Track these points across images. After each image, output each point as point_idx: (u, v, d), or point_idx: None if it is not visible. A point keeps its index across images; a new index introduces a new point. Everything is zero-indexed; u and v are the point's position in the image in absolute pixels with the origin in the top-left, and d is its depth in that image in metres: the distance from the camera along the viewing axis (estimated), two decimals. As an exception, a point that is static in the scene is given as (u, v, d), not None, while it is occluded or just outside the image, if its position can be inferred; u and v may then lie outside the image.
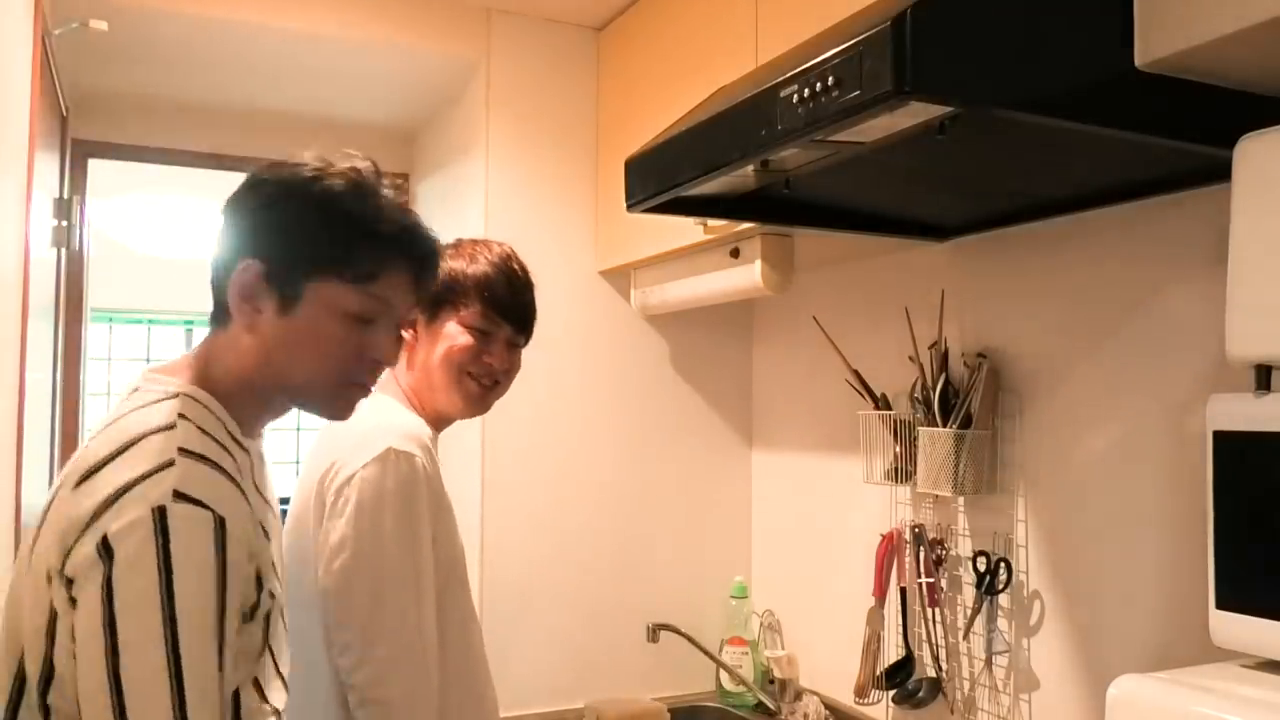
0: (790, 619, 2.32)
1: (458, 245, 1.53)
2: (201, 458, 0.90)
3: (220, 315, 1.02)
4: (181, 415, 0.93)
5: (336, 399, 1.05)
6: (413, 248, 1.06)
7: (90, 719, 0.81)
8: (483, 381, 1.47)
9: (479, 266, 1.49)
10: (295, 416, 1.37)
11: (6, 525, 1.62)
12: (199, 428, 0.93)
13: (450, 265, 1.48)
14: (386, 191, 1.07)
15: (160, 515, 0.83)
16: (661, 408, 2.44)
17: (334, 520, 1.31)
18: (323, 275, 0.99)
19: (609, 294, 2.42)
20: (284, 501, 1.23)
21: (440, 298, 1.47)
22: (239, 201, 1.04)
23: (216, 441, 0.94)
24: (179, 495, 0.85)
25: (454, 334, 1.46)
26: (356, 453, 1.33)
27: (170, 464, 0.87)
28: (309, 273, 0.99)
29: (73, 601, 0.83)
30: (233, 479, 0.92)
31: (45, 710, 0.86)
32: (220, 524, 0.86)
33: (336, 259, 1.00)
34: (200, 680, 0.82)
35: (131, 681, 0.80)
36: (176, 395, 0.95)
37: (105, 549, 0.82)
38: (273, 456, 1.13)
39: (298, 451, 5.38)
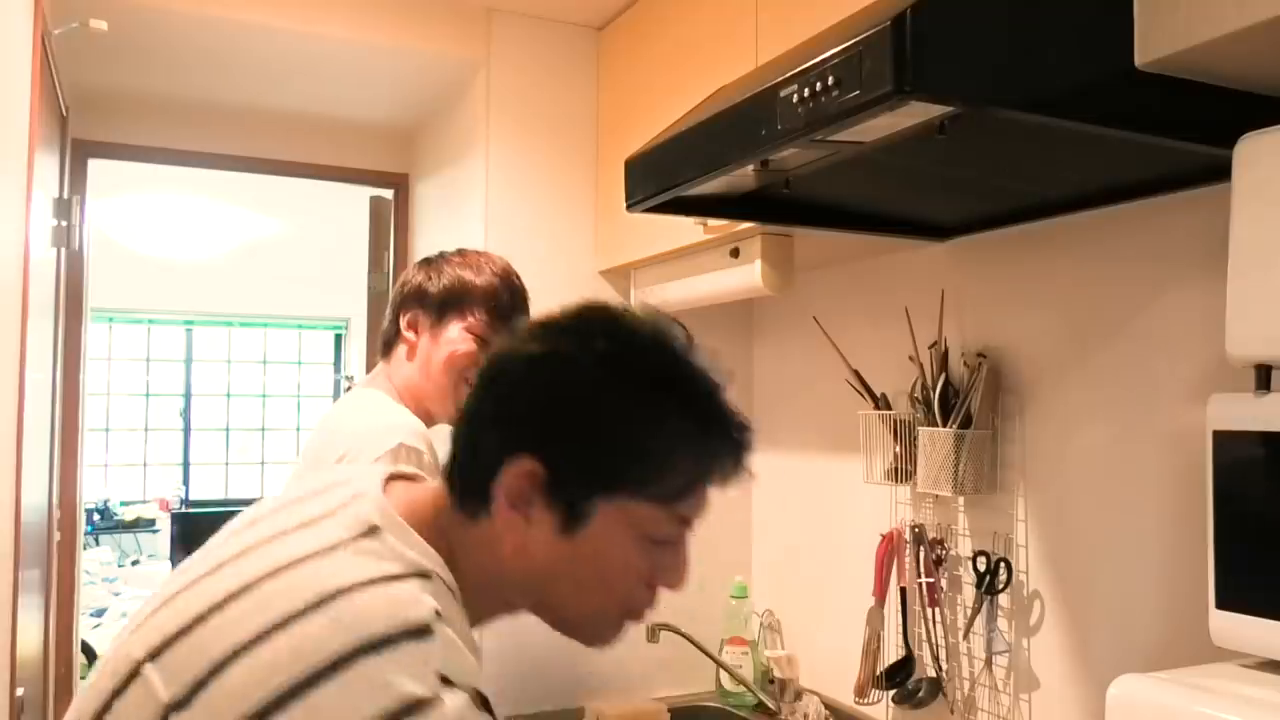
0: (790, 619, 2.32)
1: (463, 254, 1.59)
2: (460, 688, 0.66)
3: (470, 498, 0.77)
4: (438, 614, 0.68)
5: (609, 631, 0.84)
6: (742, 450, 0.84)
7: None
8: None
9: (485, 277, 1.55)
10: (294, 415, 1.37)
11: (7, 525, 1.62)
12: (452, 635, 0.68)
13: (459, 273, 1.54)
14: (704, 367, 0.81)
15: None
16: (661, 408, 2.43)
17: None
18: (627, 494, 0.77)
19: (609, 294, 2.42)
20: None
21: (447, 303, 1.53)
22: (532, 364, 0.78)
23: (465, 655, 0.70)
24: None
25: (458, 339, 1.52)
26: (367, 447, 1.34)
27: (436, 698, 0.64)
28: (611, 491, 0.77)
29: None
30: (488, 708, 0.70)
31: None
32: None
33: (649, 478, 0.77)
34: None
35: None
36: (428, 575, 0.71)
37: None
38: (274, 455, 1.13)
39: (297, 450, 5.38)
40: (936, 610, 1.78)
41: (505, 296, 1.55)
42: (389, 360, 1.59)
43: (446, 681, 0.64)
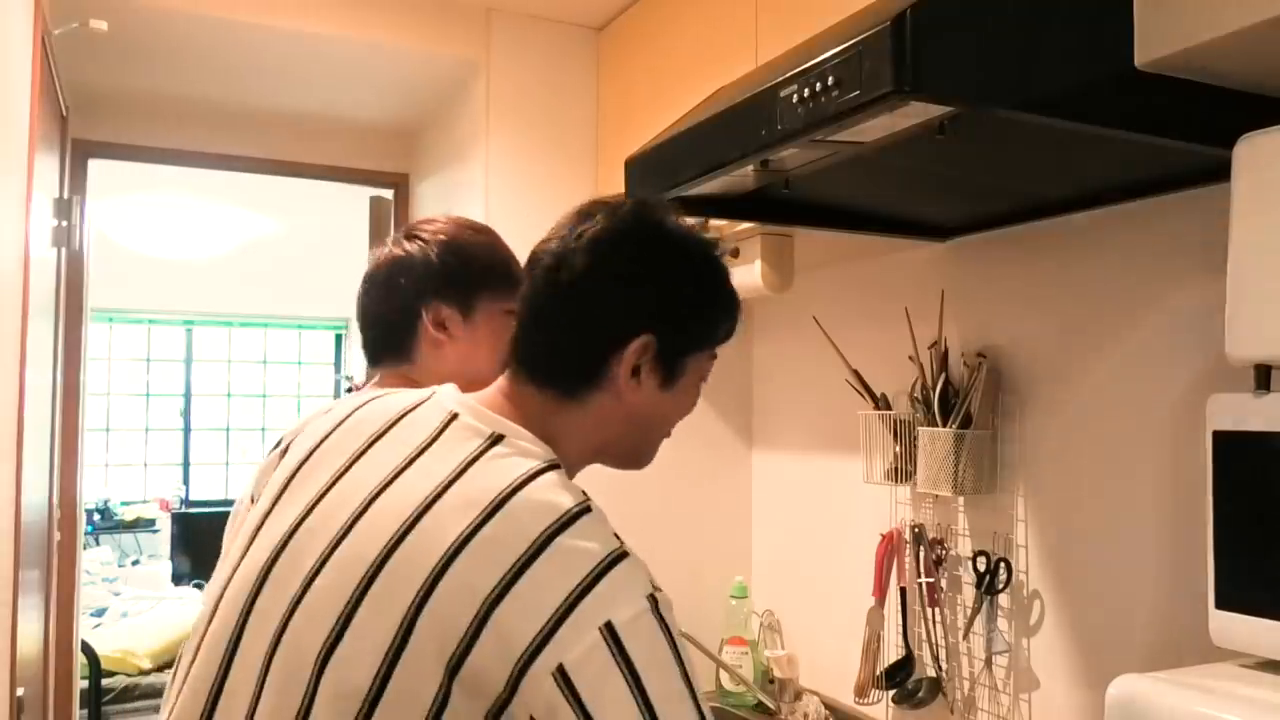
0: (790, 619, 2.32)
1: (474, 225, 1.38)
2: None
3: (571, 380, 0.94)
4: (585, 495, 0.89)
5: (655, 453, 1.07)
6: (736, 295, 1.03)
7: None
8: None
9: (492, 238, 1.36)
10: (294, 416, 1.30)
11: (7, 525, 1.62)
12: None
13: (489, 241, 1.34)
14: None
15: (654, 603, 0.83)
16: (661, 408, 2.44)
17: None
18: (703, 348, 0.99)
19: (609, 294, 2.42)
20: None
21: (479, 283, 1.30)
22: (630, 259, 0.95)
23: None
24: (653, 584, 0.85)
25: (508, 326, 1.34)
26: None
27: (624, 552, 0.84)
28: (698, 349, 0.98)
29: (570, 692, 0.78)
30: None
31: None
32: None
33: (714, 333, 0.99)
34: None
35: None
36: (557, 467, 0.89)
37: (613, 638, 0.79)
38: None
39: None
40: (936, 610, 1.78)
41: (512, 261, 1.34)
42: (411, 362, 1.31)
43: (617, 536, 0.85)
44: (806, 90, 1.13)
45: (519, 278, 1.31)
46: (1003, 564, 1.66)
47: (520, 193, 2.35)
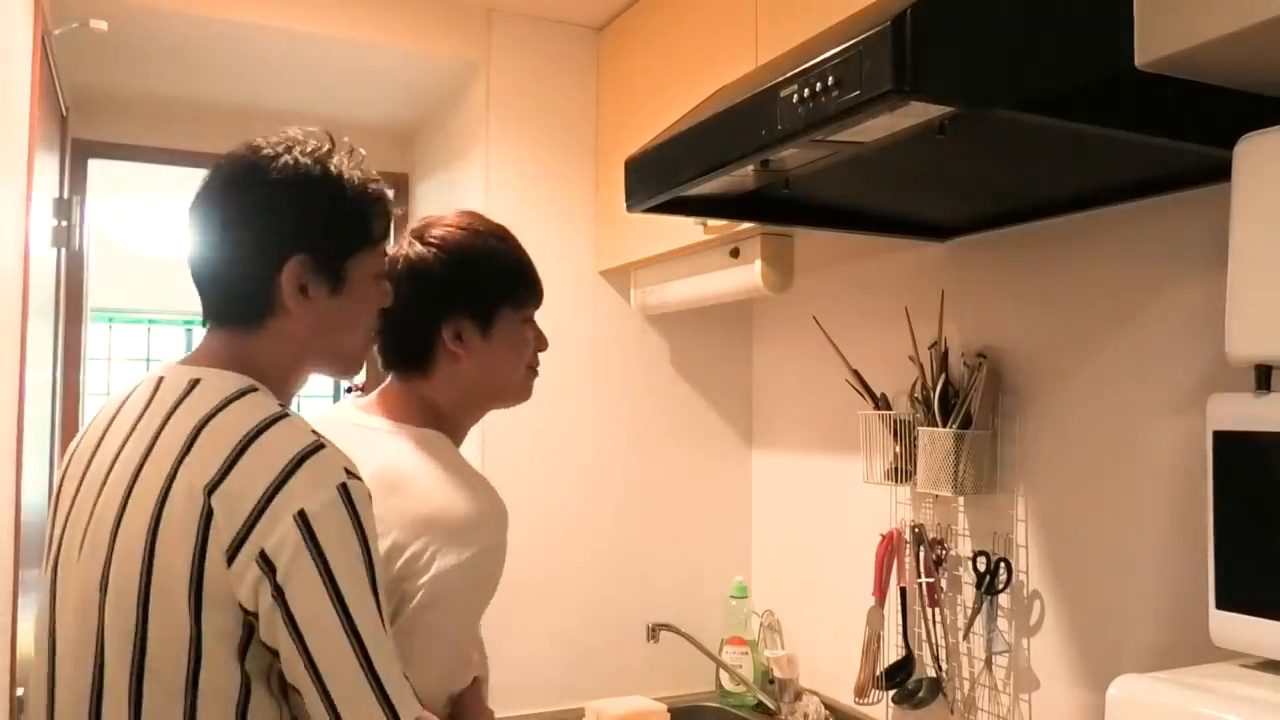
0: (790, 619, 2.32)
1: (489, 228, 1.31)
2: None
3: (248, 313, 1.07)
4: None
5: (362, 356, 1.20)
6: None
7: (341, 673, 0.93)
8: (537, 371, 1.35)
9: (511, 245, 1.31)
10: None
11: (7, 525, 1.62)
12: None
13: (506, 249, 1.29)
14: None
15: (344, 491, 0.95)
16: (661, 408, 2.44)
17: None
18: (363, 249, 1.11)
19: (609, 294, 2.42)
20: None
21: (499, 297, 1.26)
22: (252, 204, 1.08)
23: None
24: (349, 471, 0.97)
25: (526, 335, 1.30)
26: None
27: (319, 444, 0.97)
28: (359, 251, 1.10)
29: (270, 574, 0.91)
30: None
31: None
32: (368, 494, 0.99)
33: (371, 233, 1.12)
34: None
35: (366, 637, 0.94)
36: (254, 390, 1.03)
37: (305, 525, 0.92)
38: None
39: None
40: (936, 610, 1.78)
41: (530, 268, 1.31)
42: (426, 376, 1.27)
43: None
44: (806, 90, 1.13)
45: (537, 283, 1.32)
46: (1003, 564, 1.66)
47: (520, 193, 2.35)
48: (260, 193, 1.04)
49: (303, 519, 0.91)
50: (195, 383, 1.01)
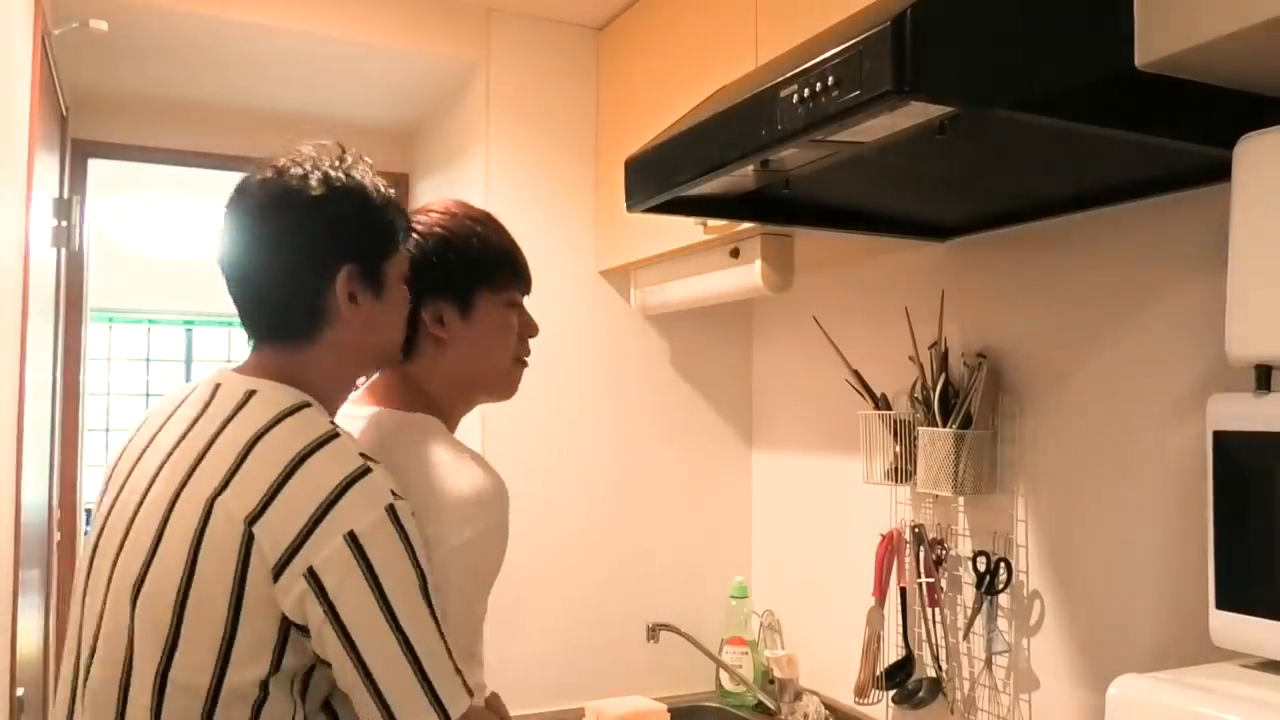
0: (790, 619, 2.32)
1: (472, 214, 1.31)
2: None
3: (301, 327, 1.11)
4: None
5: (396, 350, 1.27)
6: None
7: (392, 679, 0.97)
8: (525, 362, 1.35)
9: (492, 229, 1.31)
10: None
11: (7, 525, 1.62)
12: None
13: (485, 233, 1.29)
14: None
15: (392, 511, 0.99)
16: (661, 408, 2.44)
17: None
18: (393, 252, 1.17)
19: (609, 294, 2.42)
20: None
21: (476, 279, 1.26)
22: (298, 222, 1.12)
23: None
24: (394, 493, 1.01)
25: (510, 319, 1.30)
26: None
27: (366, 468, 1.00)
28: (392, 254, 1.16)
29: (320, 590, 0.95)
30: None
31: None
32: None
33: (397, 236, 1.18)
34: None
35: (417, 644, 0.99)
36: (307, 405, 1.07)
37: (355, 544, 0.96)
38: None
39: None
40: (936, 610, 1.78)
41: (512, 252, 1.31)
42: (412, 361, 1.26)
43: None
44: (806, 90, 1.13)
45: (520, 267, 1.33)
46: (1003, 564, 1.66)
47: (520, 193, 2.35)
48: (304, 211, 1.07)
49: (352, 539, 0.96)
50: (251, 394, 1.04)
